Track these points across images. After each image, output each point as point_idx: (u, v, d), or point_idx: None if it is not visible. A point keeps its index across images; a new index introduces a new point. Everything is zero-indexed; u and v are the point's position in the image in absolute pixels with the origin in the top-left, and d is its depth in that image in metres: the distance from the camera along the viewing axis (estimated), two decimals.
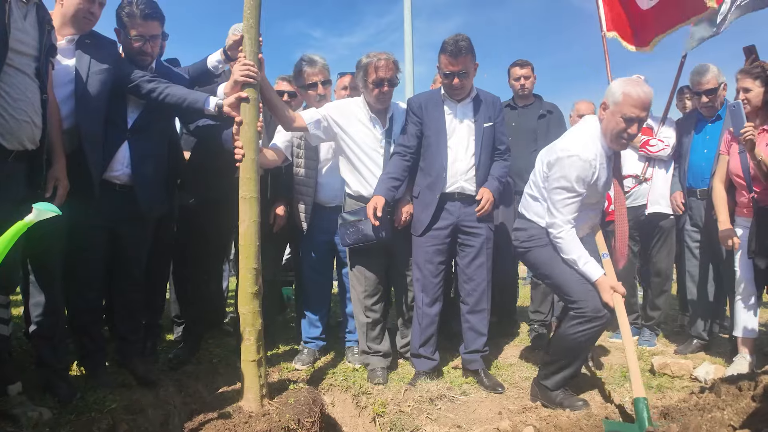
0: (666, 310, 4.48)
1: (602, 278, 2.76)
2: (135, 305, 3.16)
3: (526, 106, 4.52)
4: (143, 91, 2.88)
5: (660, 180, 4.22)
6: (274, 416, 2.49)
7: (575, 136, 2.93)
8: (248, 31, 2.72)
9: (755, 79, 3.37)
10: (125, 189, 2.95)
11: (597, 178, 2.84)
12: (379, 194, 3.18)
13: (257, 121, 2.71)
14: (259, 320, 2.65)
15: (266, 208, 3.53)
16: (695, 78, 3.91)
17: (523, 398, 3.09)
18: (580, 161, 2.76)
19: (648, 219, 4.23)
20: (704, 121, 4.02)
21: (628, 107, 2.70)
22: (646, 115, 2.76)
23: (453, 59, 3.18)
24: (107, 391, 2.77)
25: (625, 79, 2.82)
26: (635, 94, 2.69)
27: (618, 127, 2.75)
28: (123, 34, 2.97)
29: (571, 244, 2.81)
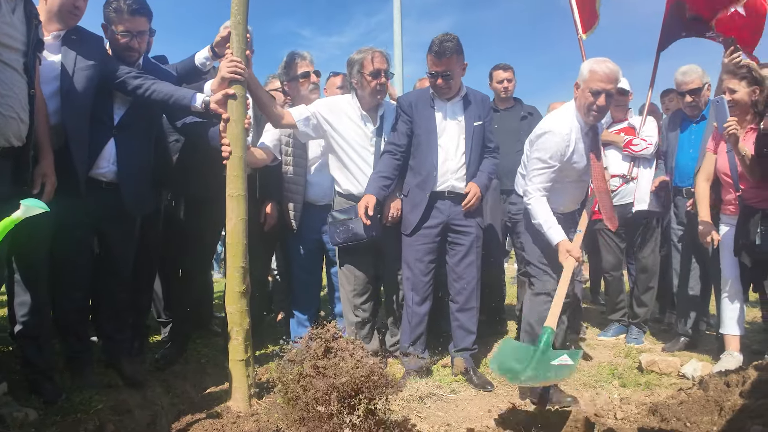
0: (652, 307, 4.51)
1: (562, 242, 2.97)
2: (121, 305, 3.13)
3: (508, 109, 4.61)
4: (129, 88, 2.85)
5: (645, 179, 4.27)
6: (263, 416, 2.48)
7: (552, 116, 3.21)
8: (236, 27, 2.71)
9: (741, 80, 3.40)
10: (111, 187, 2.91)
11: (573, 152, 3.07)
12: (371, 193, 3.18)
13: (244, 118, 2.69)
14: (247, 319, 2.63)
15: (256, 207, 3.51)
16: (680, 78, 3.95)
17: (513, 396, 3.09)
18: (555, 136, 3.02)
19: (634, 217, 4.28)
20: (689, 121, 4.07)
21: (594, 82, 2.96)
22: (612, 87, 2.99)
23: (437, 60, 3.20)
24: (93, 392, 2.74)
25: (591, 59, 3.08)
26: (600, 70, 2.96)
27: (587, 101, 3.00)
28: (110, 30, 2.94)
29: (539, 210, 3.04)
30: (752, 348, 3.86)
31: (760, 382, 2.08)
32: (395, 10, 9.10)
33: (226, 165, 2.65)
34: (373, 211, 3.11)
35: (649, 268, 4.34)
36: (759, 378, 2.12)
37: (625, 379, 3.36)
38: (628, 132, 4.27)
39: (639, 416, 2.38)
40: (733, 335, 3.54)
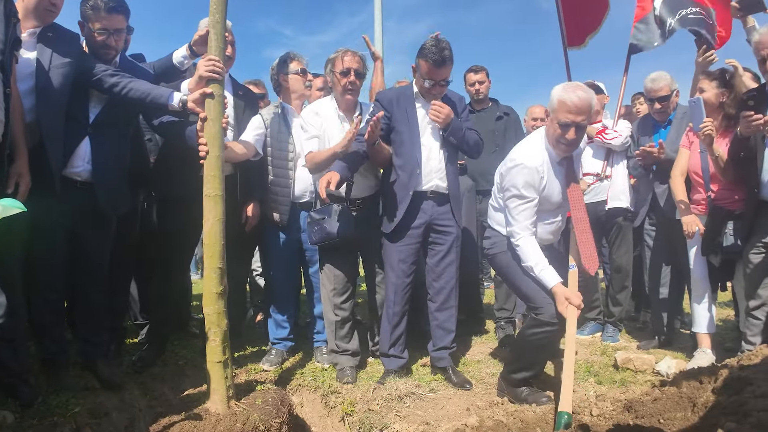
0: (627, 306, 4.58)
1: (557, 287, 2.75)
2: (97, 306, 3.08)
3: (483, 110, 4.66)
4: (105, 86, 2.82)
5: (619, 176, 4.34)
6: (242, 417, 2.47)
7: (522, 146, 3.00)
8: (214, 26, 2.68)
9: (712, 81, 3.49)
10: (86, 186, 2.88)
11: (546, 184, 2.88)
12: (334, 170, 3.06)
13: (222, 118, 2.67)
14: (225, 321, 2.61)
15: (237, 207, 3.49)
16: (649, 85, 4.03)
17: (491, 394, 3.12)
18: (525, 169, 2.82)
19: (608, 215, 4.35)
20: (657, 126, 4.15)
21: (562, 113, 2.75)
22: (583, 119, 2.77)
23: (436, 69, 3.15)
24: (70, 395, 2.72)
25: (563, 84, 2.85)
26: (569, 100, 2.73)
27: (556, 133, 2.81)
28: (86, 28, 2.91)
29: (529, 251, 2.83)
30: (725, 345, 3.95)
31: (732, 380, 2.12)
32: (376, 10, 9.12)
33: (203, 164, 2.63)
34: (335, 186, 3.00)
35: (623, 268, 4.41)
36: (731, 375, 2.16)
37: (601, 376, 3.41)
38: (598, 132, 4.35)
39: (614, 413, 2.42)
40: (705, 333, 3.63)
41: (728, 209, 3.40)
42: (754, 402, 1.85)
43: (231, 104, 3.42)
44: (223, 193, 2.62)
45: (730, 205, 3.40)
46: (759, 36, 3.02)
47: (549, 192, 2.92)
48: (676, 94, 4.04)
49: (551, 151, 2.91)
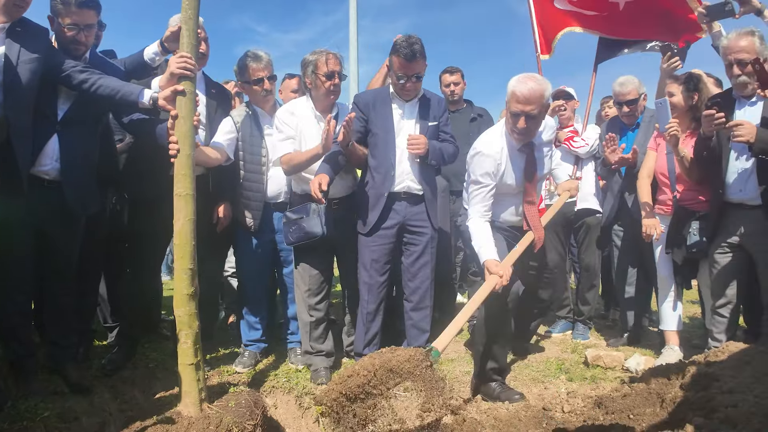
0: (595, 304, 4.67)
1: (488, 260, 2.84)
2: (65, 308, 3.01)
3: (458, 111, 4.70)
4: (74, 82, 2.75)
5: (588, 178, 4.45)
6: (214, 420, 2.42)
7: (483, 136, 3.18)
8: (186, 22, 2.63)
9: (679, 84, 3.58)
10: (54, 185, 2.81)
11: (504, 170, 3.05)
12: (323, 173, 3.11)
13: (193, 115, 2.62)
14: (196, 322, 2.56)
15: (209, 207, 3.44)
16: (617, 89, 4.13)
17: (465, 392, 3.14)
18: (483, 156, 2.99)
19: (577, 215, 4.46)
20: (626, 129, 4.25)
21: (513, 103, 2.89)
22: (532, 109, 2.85)
23: (407, 63, 3.18)
24: (39, 399, 2.65)
25: (518, 76, 2.94)
26: (518, 91, 2.85)
27: (510, 122, 2.97)
28: (56, 22, 2.84)
29: (474, 232, 3.00)
30: (692, 342, 4.06)
31: (700, 376, 2.19)
32: (351, 10, 9.11)
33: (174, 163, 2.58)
34: (326, 186, 3.05)
35: (591, 267, 4.50)
36: (698, 371, 2.23)
37: (572, 373, 3.47)
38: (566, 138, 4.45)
39: (585, 409, 2.47)
40: (672, 330, 3.73)
41: (692, 210, 3.50)
42: (721, 398, 1.91)
43: (203, 103, 3.36)
44: (193, 192, 2.57)
45: (695, 206, 3.51)
46: (727, 41, 3.11)
47: (507, 177, 3.07)
48: (643, 97, 4.15)
49: (510, 139, 3.05)
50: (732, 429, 1.73)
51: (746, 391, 1.93)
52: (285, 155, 3.35)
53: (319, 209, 3.24)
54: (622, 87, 4.10)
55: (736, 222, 3.18)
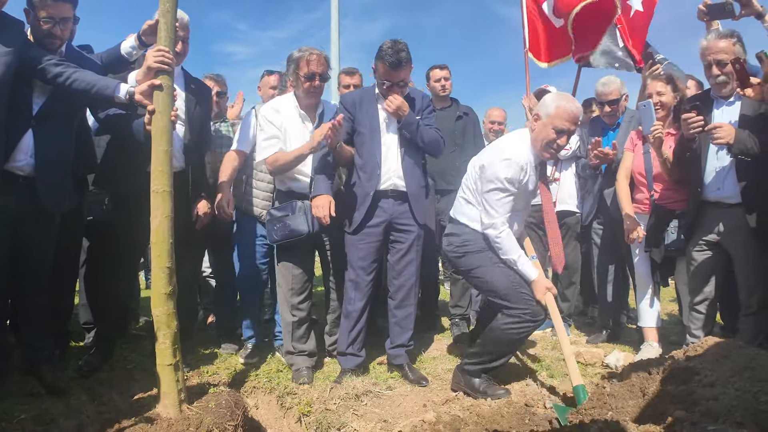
0: (575, 302, 4.71)
1: (538, 278, 2.91)
2: (41, 309, 2.94)
3: (444, 109, 4.65)
4: (49, 76, 2.69)
5: (566, 181, 4.50)
6: (194, 422, 2.38)
7: (510, 143, 3.10)
8: (164, 15, 2.59)
9: (667, 84, 3.61)
10: (28, 181, 2.74)
11: (526, 183, 3.01)
12: (326, 193, 3.16)
13: (171, 110, 2.57)
14: (175, 322, 2.51)
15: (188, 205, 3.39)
16: (600, 89, 4.19)
17: (447, 390, 3.14)
18: (513, 164, 2.92)
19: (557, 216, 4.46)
20: (606, 129, 4.30)
21: (560, 120, 2.89)
22: (575, 128, 2.96)
23: (393, 71, 3.18)
24: (14, 401, 2.60)
25: (558, 93, 3.04)
26: (568, 109, 2.90)
27: (549, 137, 2.93)
28: (32, 15, 2.78)
29: (510, 244, 2.94)
30: (670, 339, 4.12)
31: (680, 370, 2.21)
32: (333, 9, 9.07)
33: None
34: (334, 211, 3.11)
35: (570, 265, 4.54)
36: (678, 366, 2.25)
37: (553, 370, 3.49)
38: None
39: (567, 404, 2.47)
40: (650, 327, 3.78)
41: (670, 209, 3.55)
42: (702, 391, 1.93)
43: (181, 98, 3.31)
44: (171, 189, 2.52)
45: (672, 205, 3.56)
46: (706, 42, 3.15)
47: (525, 190, 3.04)
48: (625, 98, 4.22)
49: (535, 153, 3.03)
50: (714, 422, 1.74)
51: (726, 384, 1.96)
52: (270, 156, 3.32)
53: (305, 207, 3.22)
54: (605, 87, 4.15)
55: (714, 220, 3.22)
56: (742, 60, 3.01)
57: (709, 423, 1.74)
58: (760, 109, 3.04)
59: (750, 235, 3.05)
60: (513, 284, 2.94)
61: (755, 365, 2.09)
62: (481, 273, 3.05)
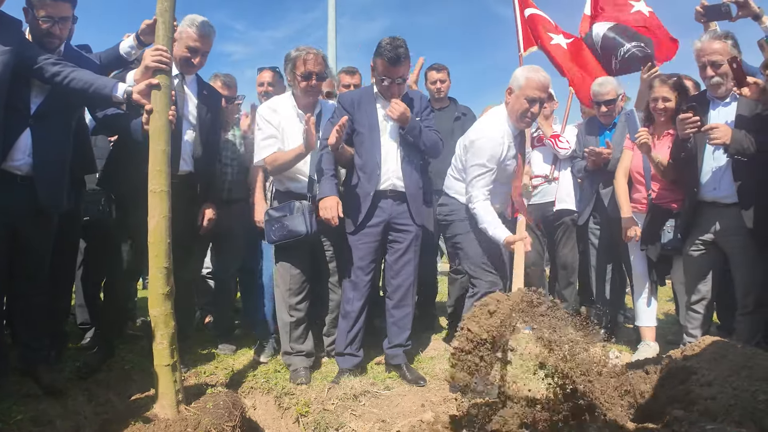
0: (573, 302, 4.72)
1: (508, 237, 3.04)
2: (38, 310, 2.93)
3: (442, 109, 4.67)
4: (47, 75, 2.68)
5: (565, 180, 4.52)
6: (192, 422, 2.38)
7: (485, 121, 3.33)
8: (162, 14, 2.58)
9: (673, 90, 3.60)
10: (26, 181, 2.74)
11: (507, 155, 3.21)
12: (331, 195, 3.18)
13: (168, 110, 2.57)
14: (172, 322, 2.51)
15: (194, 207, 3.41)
16: (597, 89, 4.21)
17: (444, 390, 3.14)
18: (490, 141, 3.14)
19: (555, 215, 4.54)
20: (603, 128, 4.32)
21: (530, 89, 3.10)
22: (546, 95, 3.18)
23: (392, 67, 3.18)
24: (12, 402, 2.59)
25: (526, 67, 3.23)
26: (536, 78, 3.11)
27: (522, 107, 3.13)
28: (31, 14, 2.78)
29: (485, 213, 3.13)
30: (667, 338, 4.13)
31: (677, 369, 2.22)
32: (330, 8, 9.05)
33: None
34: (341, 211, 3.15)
35: (568, 265, 4.57)
36: (675, 365, 2.26)
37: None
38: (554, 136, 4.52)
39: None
40: (647, 326, 3.79)
41: (667, 208, 3.56)
42: (700, 390, 1.94)
43: (193, 104, 3.33)
44: (169, 189, 2.51)
45: (669, 205, 3.57)
46: (700, 44, 3.17)
47: (508, 162, 3.21)
48: (621, 98, 4.23)
49: (512, 126, 3.23)
50: (712, 421, 1.75)
51: (724, 383, 1.97)
52: (269, 156, 3.32)
53: (303, 207, 3.22)
54: (601, 87, 4.17)
55: (711, 219, 3.24)
56: (738, 59, 3.02)
57: (708, 422, 1.75)
58: (757, 109, 3.06)
59: (746, 235, 3.07)
60: (480, 254, 3.25)
61: (753, 364, 2.11)
62: (459, 239, 3.39)
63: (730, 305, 3.43)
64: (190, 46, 3.20)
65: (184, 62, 3.25)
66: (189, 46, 3.20)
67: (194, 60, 3.25)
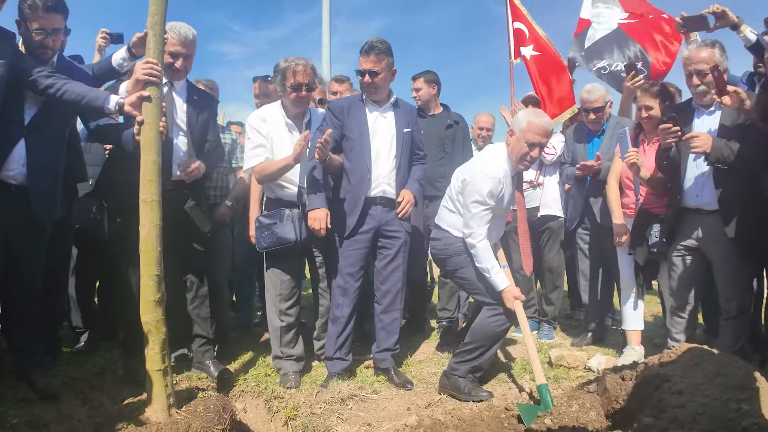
0: (559, 305, 4.79)
1: (507, 288, 3.05)
2: (32, 317, 2.98)
3: (434, 116, 4.68)
4: (40, 87, 2.73)
5: (550, 185, 4.58)
6: (183, 425, 2.43)
7: (488, 158, 3.28)
8: (152, 28, 2.64)
9: (656, 98, 3.66)
10: (20, 190, 2.79)
11: (503, 194, 3.17)
12: (322, 206, 3.25)
13: (159, 121, 2.62)
14: (163, 328, 2.57)
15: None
16: (585, 96, 4.26)
17: (431, 393, 3.21)
18: (491, 179, 3.09)
19: (540, 220, 4.60)
20: (591, 135, 4.37)
21: (531, 134, 3.06)
22: (546, 141, 3.19)
23: (365, 57, 3.29)
24: (7, 406, 2.65)
25: (528, 110, 3.26)
26: (538, 123, 3.07)
27: (522, 151, 3.10)
28: (24, 26, 2.83)
29: (485, 255, 3.09)
30: (654, 342, 4.18)
31: (652, 376, 2.27)
32: (324, 10, 9.10)
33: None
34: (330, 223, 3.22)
35: (554, 269, 4.64)
36: (650, 372, 2.32)
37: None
38: None
39: None
40: (633, 330, 3.85)
41: (654, 213, 3.62)
42: (670, 398, 1.99)
43: (182, 110, 3.33)
44: (159, 198, 2.57)
45: (657, 209, 3.62)
46: (687, 52, 3.22)
47: (503, 199, 3.19)
48: (609, 105, 4.28)
49: (511, 166, 3.20)
50: (680, 429, 1.80)
51: (695, 392, 2.01)
52: (257, 165, 3.38)
53: (293, 215, 3.28)
54: (590, 94, 4.22)
55: (693, 226, 3.28)
56: (720, 67, 3.07)
57: (676, 430, 1.79)
58: (739, 119, 3.10)
59: (728, 242, 3.11)
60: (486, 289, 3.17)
61: (726, 372, 2.14)
62: (464, 273, 3.26)
63: (716, 309, 3.47)
64: (171, 51, 3.17)
65: (167, 68, 3.22)
66: (170, 51, 3.16)
67: (176, 64, 3.22)
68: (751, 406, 1.89)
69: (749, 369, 2.15)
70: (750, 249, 3.11)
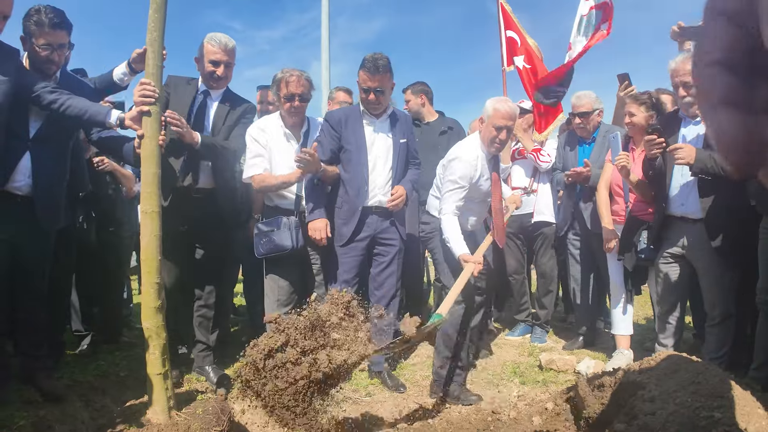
0: (552, 309, 4.87)
1: (462, 254, 3.08)
2: (37, 324, 3.09)
3: (429, 123, 4.76)
4: (44, 102, 2.84)
5: (544, 192, 4.65)
6: (182, 427, 2.54)
7: (461, 145, 3.49)
8: (151, 44, 2.73)
9: (640, 105, 3.74)
10: (27, 201, 2.89)
11: (480, 176, 3.35)
12: (322, 217, 3.36)
13: (159, 135, 2.73)
14: (164, 334, 2.68)
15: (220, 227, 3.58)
16: (574, 101, 4.35)
17: (423, 396, 3.31)
18: (463, 162, 3.28)
19: (534, 226, 4.68)
20: (582, 141, 4.44)
21: (498, 119, 3.26)
22: (513, 124, 3.33)
23: (371, 75, 3.36)
24: (14, 408, 2.74)
25: (494, 98, 3.39)
26: (502, 108, 3.26)
27: (491, 135, 3.29)
28: (29, 43, 2.92)
29: (448, 227, 3.22)
30: (645, 345, 4.26)
31: (629, 383, 2.36)
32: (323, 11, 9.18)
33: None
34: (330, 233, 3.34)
35: (547, 274, 4.72)
36: (628, 379, 2.40)
37: (526, 377, 3.65)
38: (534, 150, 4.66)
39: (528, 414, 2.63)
40: (623, 335, 3.93)
41: (642, 220, 3.70)
42: (642, 405, 2.08)
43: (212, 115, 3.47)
44: (159, 209, 2.68)
45: (645, 216, 3.70)
46: (674, 64, 3.28)
47: (481, 183, 3.34)
48: (598, 113, 4.33)
49: (485, 150, 3.36)
50: None
51: (668, 399, 2.10)
52: (257, 176, 3.47)
53: (290, 223, 3.36)
54: (578, 99, 4.31)
55: (679, 234, 3.37)
56: None
57: None
58: None
59: (713, 251, 3.19)
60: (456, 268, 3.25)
61: (701, 380, 2.21)
62: (438, 254, 3.47)
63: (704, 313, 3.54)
64: (212, 59, 3.34)
65: (208, 76, 3.39)
66: (211, 59, 3.34)
67: (218, 71, 3.36)
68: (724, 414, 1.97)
69: (724, 377, 2.22)
70: (734, 258, 3.18)
